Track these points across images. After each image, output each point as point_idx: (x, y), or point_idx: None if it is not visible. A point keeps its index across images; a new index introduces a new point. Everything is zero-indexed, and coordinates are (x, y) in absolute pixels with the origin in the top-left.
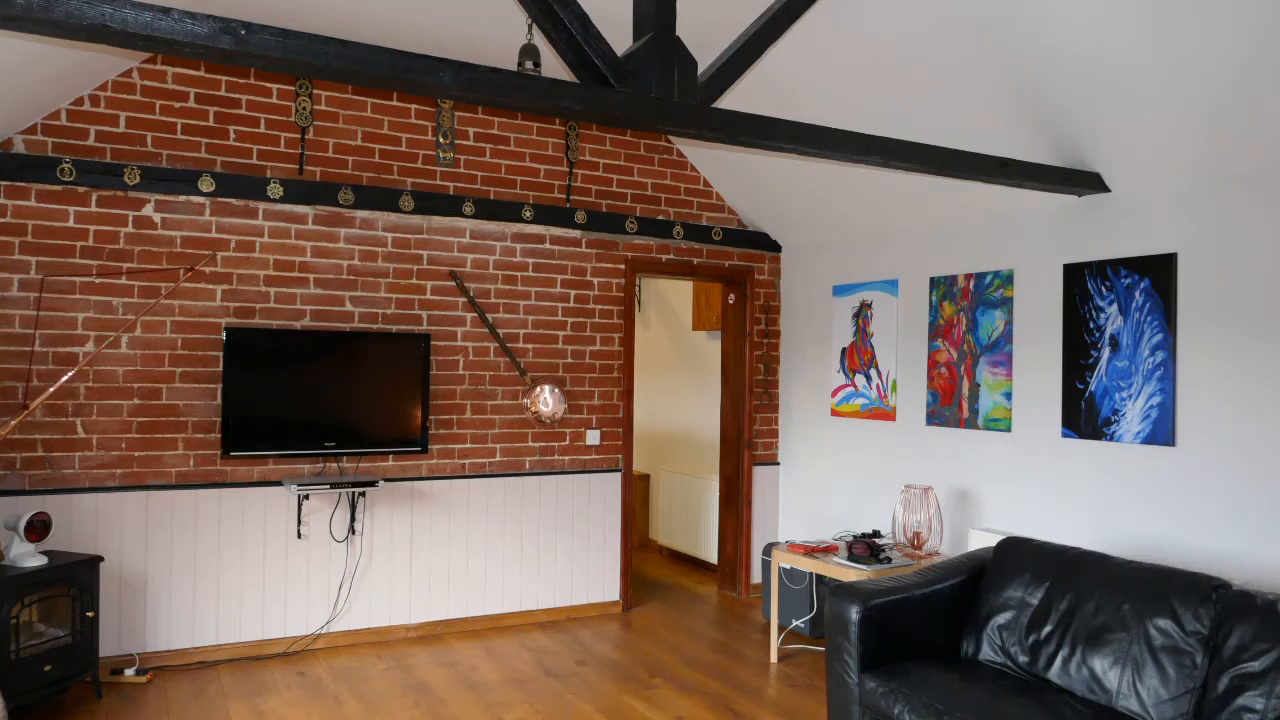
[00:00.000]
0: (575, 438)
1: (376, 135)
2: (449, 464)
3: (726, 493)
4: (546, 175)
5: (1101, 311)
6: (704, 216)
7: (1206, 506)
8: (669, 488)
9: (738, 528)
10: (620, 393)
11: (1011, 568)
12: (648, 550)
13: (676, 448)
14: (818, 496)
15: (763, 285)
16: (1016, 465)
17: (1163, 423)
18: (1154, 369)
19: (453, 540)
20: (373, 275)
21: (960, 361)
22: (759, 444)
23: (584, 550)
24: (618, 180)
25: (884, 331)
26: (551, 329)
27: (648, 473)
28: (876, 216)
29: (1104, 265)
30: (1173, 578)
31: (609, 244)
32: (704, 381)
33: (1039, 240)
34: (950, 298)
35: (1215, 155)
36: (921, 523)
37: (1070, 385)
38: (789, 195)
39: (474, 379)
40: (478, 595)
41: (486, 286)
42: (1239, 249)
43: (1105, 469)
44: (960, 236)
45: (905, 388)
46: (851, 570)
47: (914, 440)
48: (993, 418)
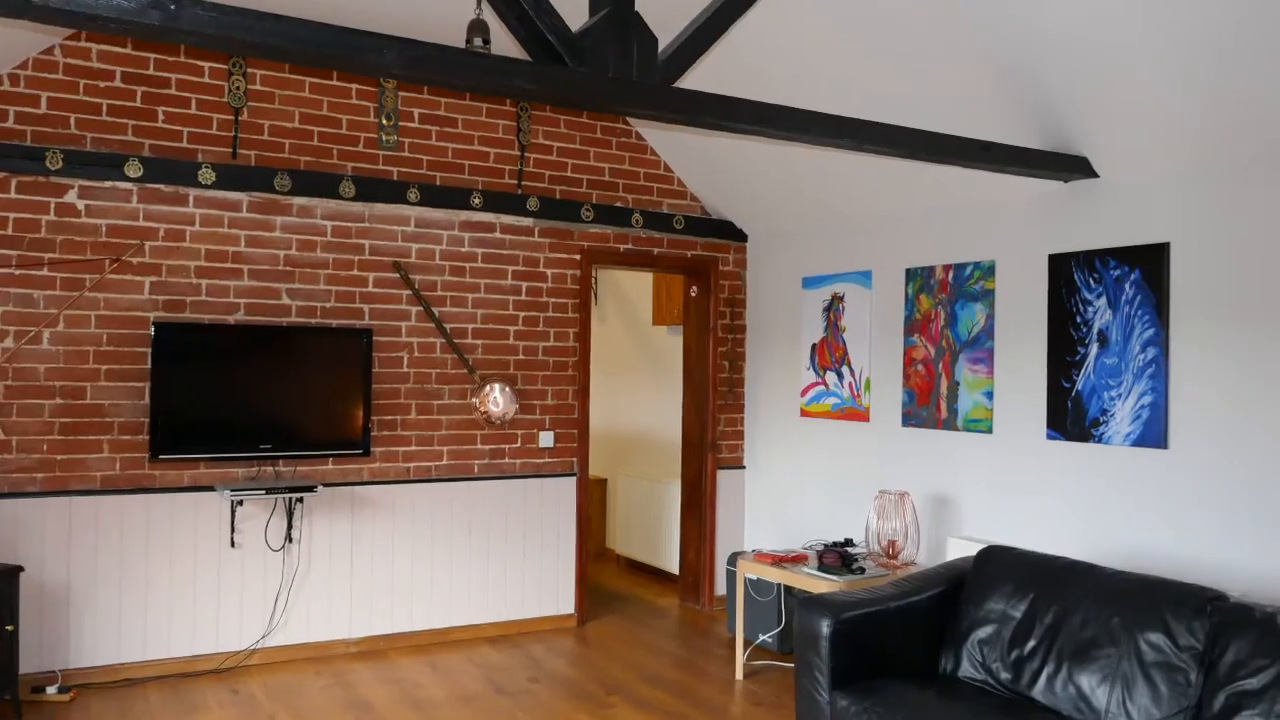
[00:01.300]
0: (527, 440)
1: (315, 117)
2: (392, 468)
3: (689, 498)
4: (496, 160)
5: (1089, 305)
6: (665, 204)
7: (1201, 513)
8: (627, 493)
9: (701, 536)
10: (575, 391)
11: (993, 579)
12: (605, 560)
13: (635, 450)
14: (786, 502)
15: (727, 277)
16: (998, 469)
17: (1154, 423)
18: (1145, 366)
19: (396, 549)
20: (311, 266)
21: (938, 358)
22: (723, 446)
23: (537, 560)
24: (572, 165)
25: (857, 326)
26: (502, 324)
27: (605, 477)
28: (849, 204)
29: (1092, 256)
30: (1165, 589)
31: (563, 233)
32: (665, 380)
33: (1022, 229)
34: (928, 290)
35: (1212, 138)
36: (897, 530)
37: (1056, 384)
38: (755, 181)
39: (419, 377)
40: (423, 608)
41: (433, 278)
42: (1236, 238)
43: (1093, 473)
44: (939, 225)
45: (880, 386)
46: (822, 581)
47: (889, 442)
48: (973, 418)
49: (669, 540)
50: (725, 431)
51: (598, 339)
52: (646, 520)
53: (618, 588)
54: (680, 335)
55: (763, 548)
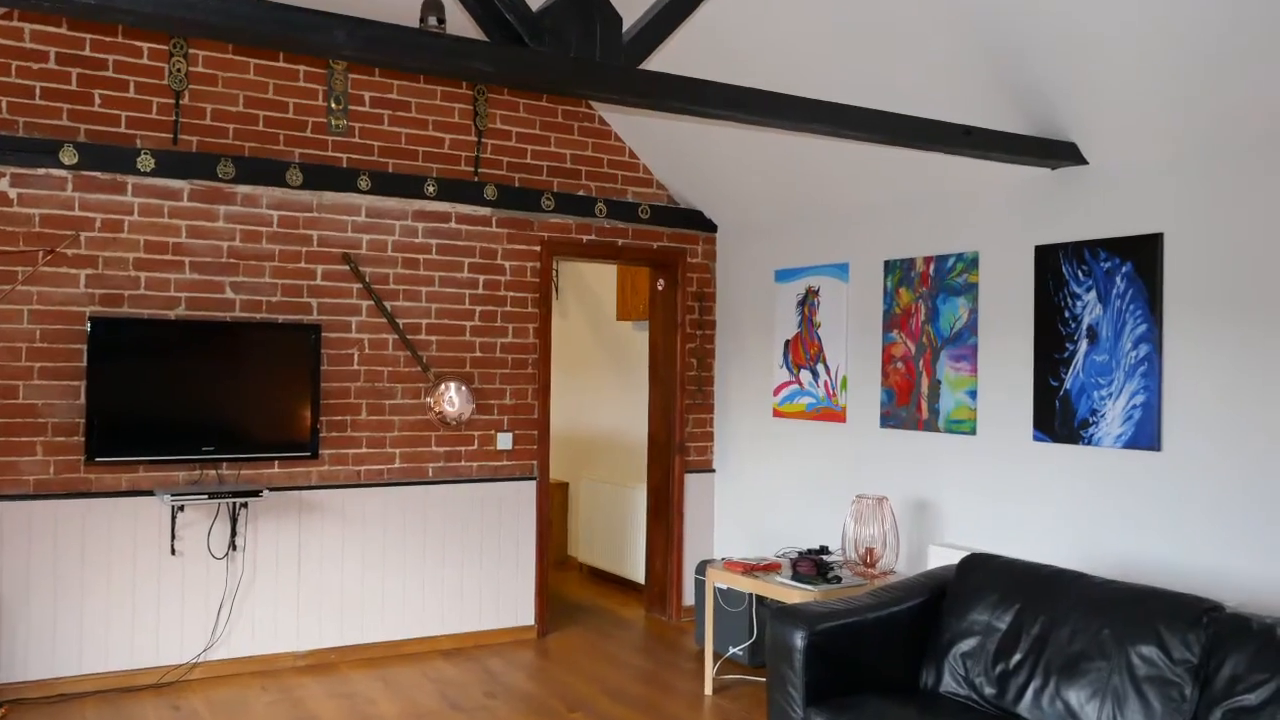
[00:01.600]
0: (484, 441)
1: (260, 100)
2: (342, 471)
3: (655, 503)
4: (452, 145)
5: (1078, 299)
6: (630, 192)
7: (1197, 518)
8: (590, 498)
9: (668, 543)
10: (535, 391)
11: (976, 588)
12: (566, 568)
13: (599, 453)
14: (758, 508)
15: (696, 269)
16: (982, 472)
17: (1147, 424)
18: (1137, 364)
19: (346, 557)
20: (256, 258)
21: (919, 355)
22: (692, 448)
23: (494, 568)
24: (532, 151)
25: (833, 322)
26: (458, 319)
27: (566, 481)
28: (825, 192)
29: (1080, 247)
30: (1158, 599)
31: (522, 223)
32: (630, 378)
33: (1007, 219)
34: (908, 284)
35: (1209, 123)
36: (875, 537)
37: (1043, 382)
38: (726, 169)
39: (370, 375)
40: (375, 619)
41: (384, 271)
42: (1234, 229)
43: (1082, 476)
44: (919, 215)
45: (857, 385)
46: (796, 591)
47: (866, 444)
48: (955, 419)
49: (634, 548)
50: (693, 433)
51: (559, 335)
52: (610, 526)
53: (580, 598)
54: (646, 331)
55: (733, 555)
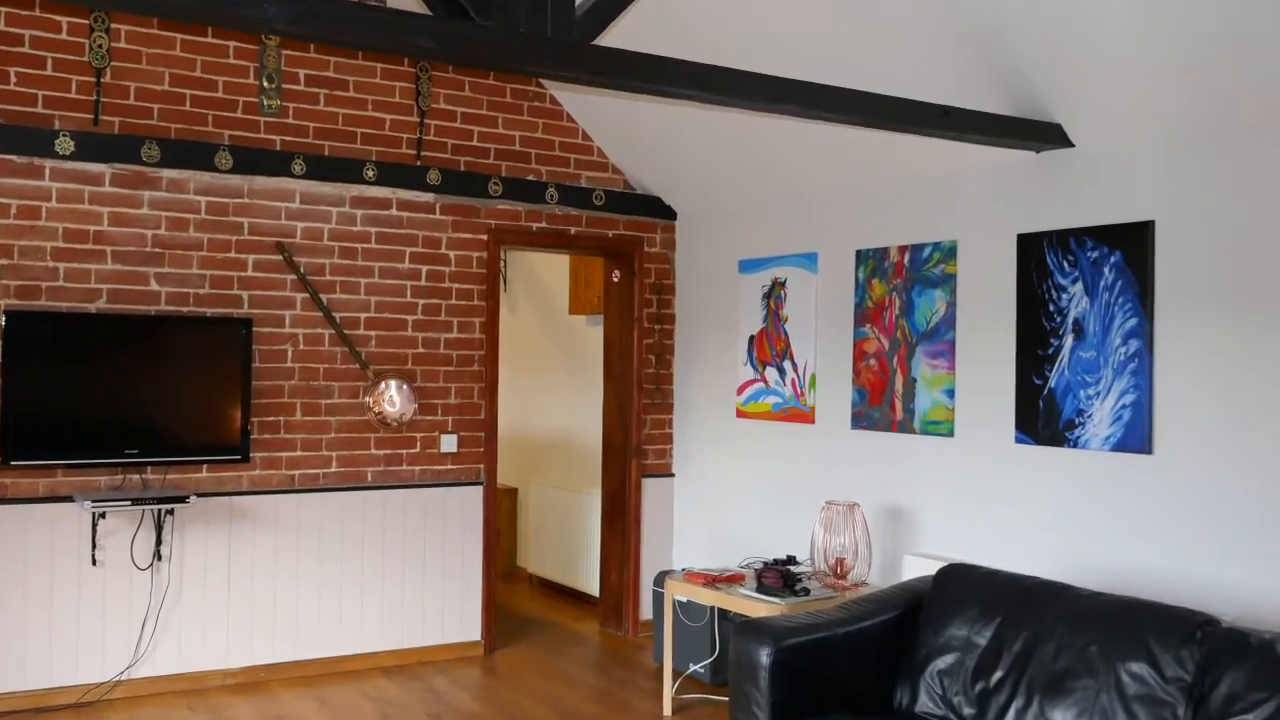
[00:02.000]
0: (428, 444)
1: (187, 79)
2: (275, 475)
3: (610, 510)
4: (393, 127)
5: (1063, 291)
6: (583, 177)
7: (1191, 526)
8: (541, 504)
9: (624, 553)
10: (482, 390)
11: (954, 601)
12: (515, 580)
13: (550, 456)
14: (720, 515)
15: (654, 260)
16: (960, 477)
17: (1137, 425)
18: (1127, 361)
19: (280, 568)
20: (183, 248)
21: (893, 352)
22: (649, 451)
23: (438, 580)
24: (479, 133)
25: (801, 316)
26: (399, 312)
27: (515, 486)
28: (792, 177)
29: (1066, 235)
30: (1149, 613)
31: (468, 210)
32: (583, 376)
33: (988, 206)
34: (881, 275)
35: (1206, 103)
36: (846, 546)
37: (1026, 380)
38: (686, 152)
39: (305, 373)
40: (310, 634)
41: (320, 261)
42: (1231, 216)
43: (1068, 481)
44: (893, 201)
45: (826, 383)
46: (761, 604)
47: (837, 447)
48: (932, 420)
49: (588, 558)
50: (651, 435)
51: (507, 330)
52: (562, 535)
53: (530, 611)
54: (600, 326)
55: (694, 566)
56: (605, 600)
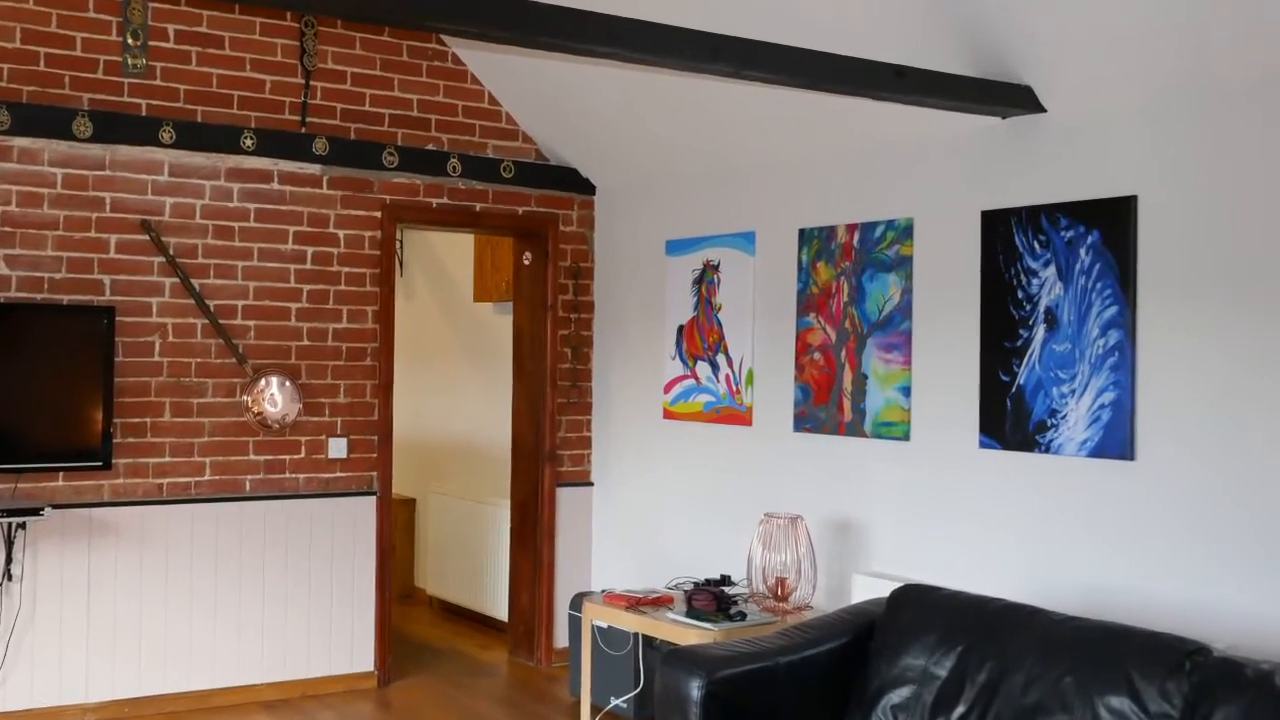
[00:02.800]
0: (314, 448)
1: (41, 35)
2: (141, 484)
3: (520, 524)
4: (274, 89)
5: (1034, 276)
6: (490, 146)
7: (1178, 541)
8: (442, 517)
9: (536, 572)
10: (375, 387)
11: (911, 626)
12: (413, 603)
13: (453, 462)
14: (646, 529)
15: (570, 240)
16: (918, 486)
17: (1117, 428)
18: (1105, 354)
19: (146, 589)
20: (36, 227)
21: (841, 344)
22: (565, 457)
23: (325, 602)
24: (372, 97)
25: (736, 303)
26: (281, 300)
27: (413, 497)
28: (727, 147)
29: (1037, 212)
30: (1131, 640)
31: (360, 183)
32: (490, 372)
33: (948, 179)
34: (827, 257)
35: (1196, 61)
36: (788, 565)
37: (991, 377)
38: (607, 118)
39: (175, 368)
40: (181, 664)
41: (192, 242)
42: (1224, 190)
43: (1039, 491)
44: (841, 174)
45: (765, 380)
46: (692, 630)
47: (777, 452)
48: (885, 421)
49: (496, 578)
50: (567, 438)
51: (404, 320)
52: (467, 552)
53: (430, 638)
54: (509, 315)
55: (615, 587)
56: (515, 625)
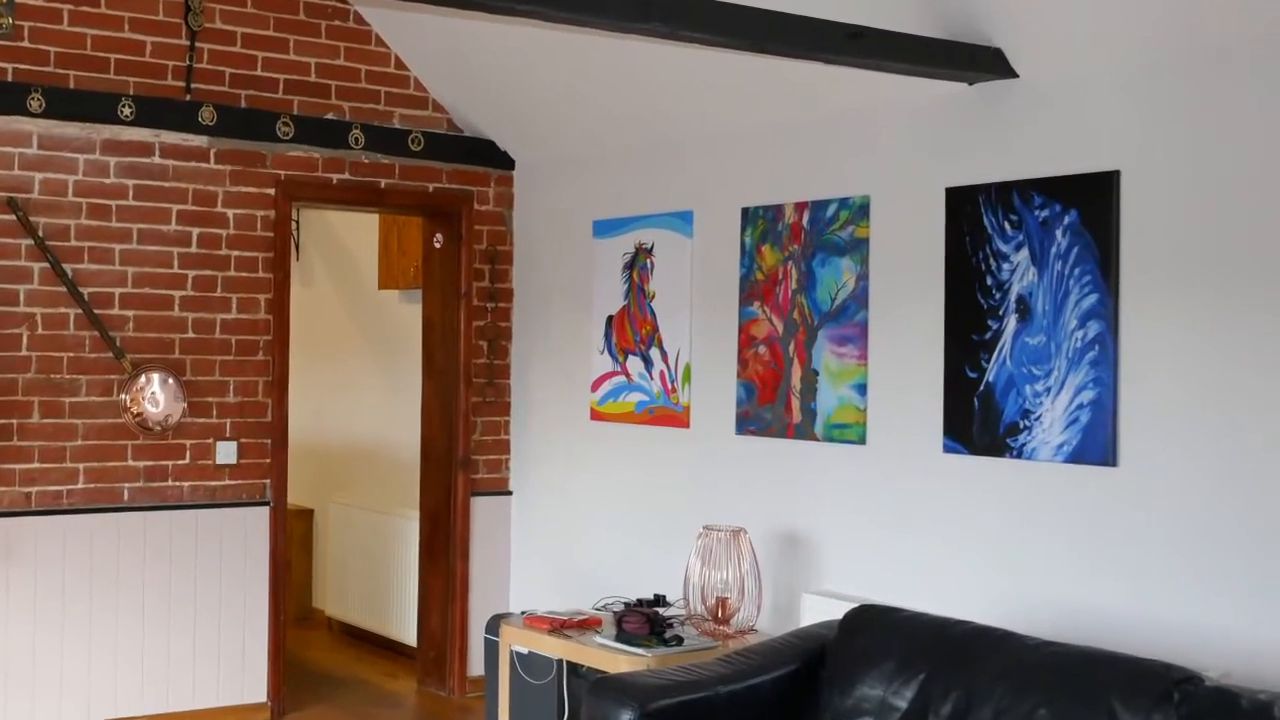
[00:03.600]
0: (200, 453)
1: None
2: (6, 494)
3: (431, 537)
4: (155, 52)
5: (1005, 260)
6: (397, 115)
7: (1165, 557)
8: (343, 530)
9: (448, 591)
10: (269, 385)
11: (867, 652)
12: (311, 626)
13: (355, 469)
14: (571, 543)
15: (487, 220)
16: (874, 495)
17: (1098, 430)
18: (1085, 348)
19: (11, 611)
20: None
21: (788, 337)
22: (481, 463)
23: (212, 625)
24: (265, 60)
25: (672, 291)
26: (164, 287)
27: (310, 507)
28: (662, 117)
29: (1008, 190)
30: (1113, 667)
31: (252, 157)
32: (397, 367)
33: (909, 152)
34: (773, 240)
35: (1187, 18)
36: (729, 583)
37: (957, 373)
38: (529, 85)
39: (45, 364)
40: (50, 695)
41: (64, 222)
42: (1217, 164)
43: (1011, 501)
44: (789, 147)
45: (704, 377)
46: (622, 656)
47: (718, 457)
48: (838, 423)
49: (403, 598)
50: (483, 442)
51: (301, 309)
52: (371, 569)
53: (330, 666)
54: (418, 304)
55: (537, 609)
56: (425, 651)
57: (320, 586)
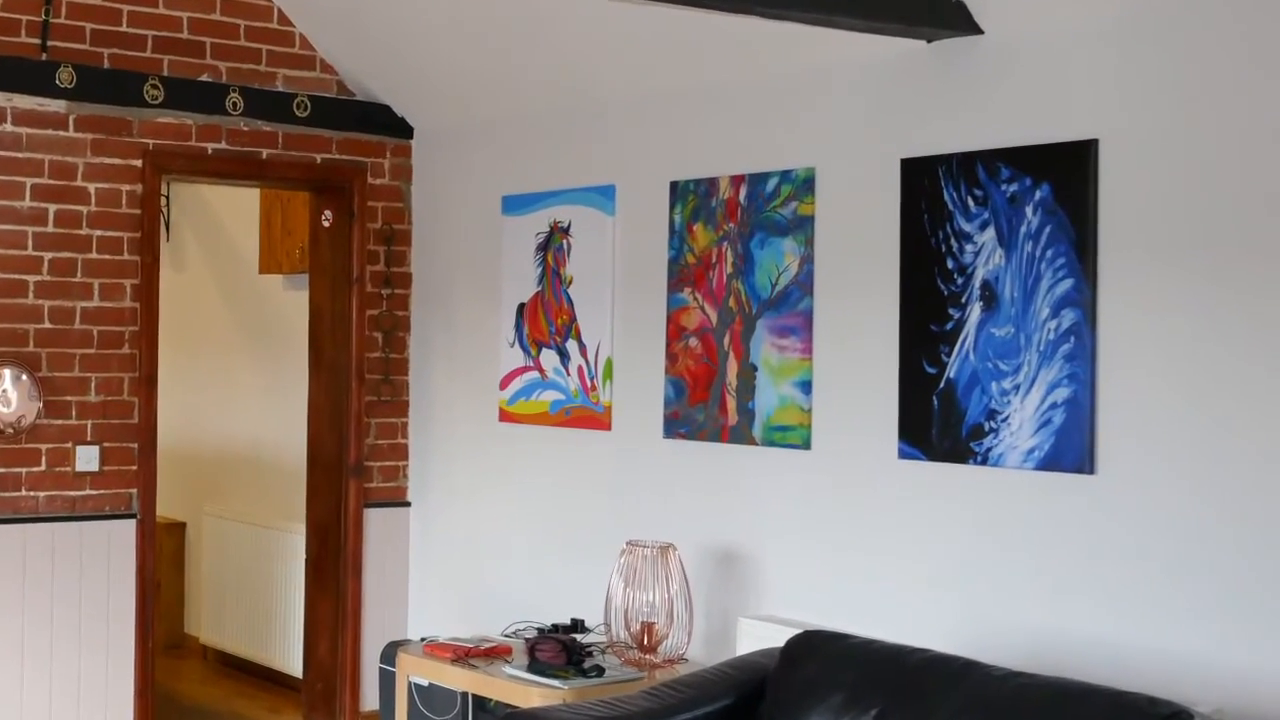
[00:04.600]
0: (57, 459)
1: None
2: None
3: (319, 554)
4: (7, 5)
5: (968, 241)
6: (280, 77)
7: (1149, 576)
8: (220, 546)
9: (338, 615)
10: (136, 382)
11: (812, 684)
12: (184, 654)
13: (234, 477)
14: (478, 561)
15: (382, 195)
16: (821, 507)
17: (1073, 433)
18: (1058, 340)
19: None
20: None
21: (723, 327)
22: (375, 470)
23: (71, 653)
24: (131, 15)
25: (592, 276)
26: (15, 271)
27: (183, 520)
28: (581, 79)
29: (972, 161)
30: (1091, 701)
31: (116, 124)
32: (280, 362)
33: (860, 119)
34: (706, 218)
35: None
36: (656, 606)
37: (914, 368)
38: (429, 43)
39: None
40: None
41: None
42: (1208, 132)
43: (974, 514)
44: (725, 113)
45: (628, 373)
46: (535, 688)
47: (643, 464)
48: (780, 424)
49: (288, 622)
50: (378, 446)
51: (172, 296)
52: (251, 590)
53: (205, 699)
54: (304, 290)
55: (439, 635)
56: (311, 683)
57: (194, 610)
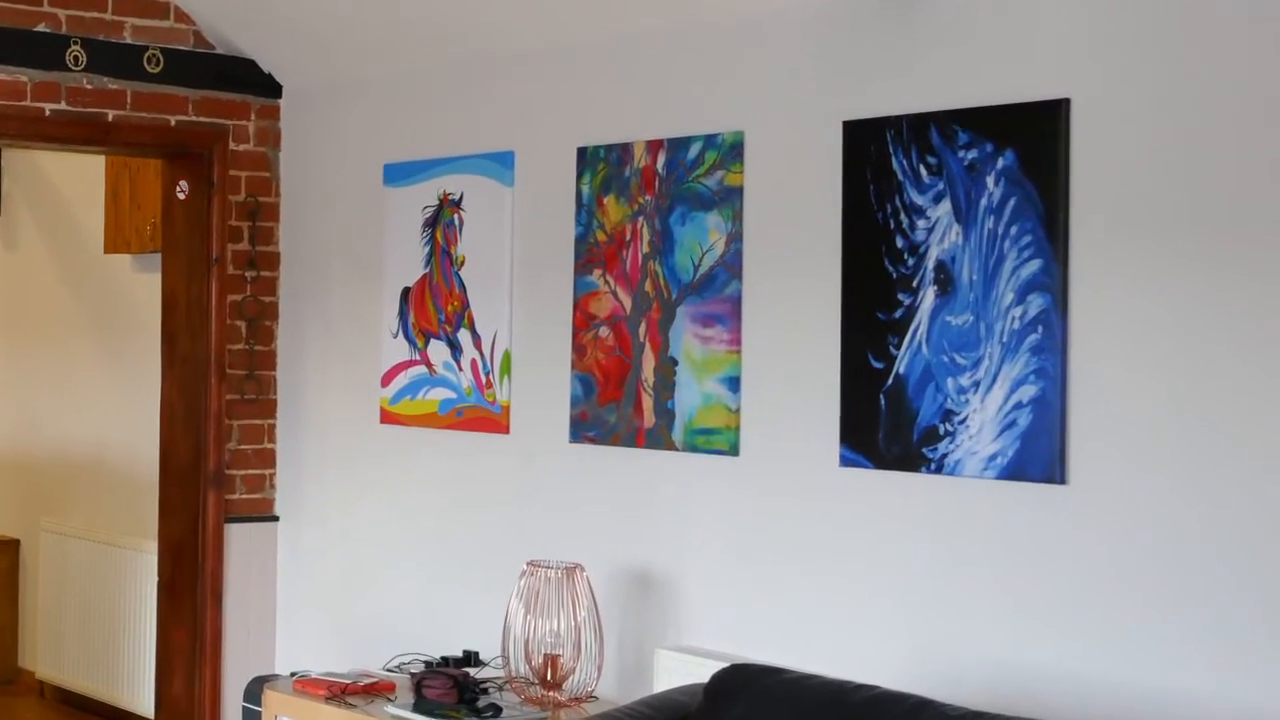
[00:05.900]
0: None
1: None
2: None
3: (174, 576)
4: None
5: (920, 216)
6: (129, 27)
7: (1126, 601)
8: (59, 567)
9: (195, 646)
10: None
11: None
12: (16, 690)
13: (74, 487)
14: (356, 584)
15: (246, 163)
16: (750, 522)
17: (1041, 437)
18: (1025, 330)
19: None
20: None
21: (639, 315)
22: (238, 479)
23: None
24: None
25: (487, 256)
26: None
27: (16, 537)
28: (474, 28)
29: (924, 124)
30: None
31: None
32: (129, 355)
33: (795, 75)
34: (619, 189)
35: None
36: (561, 636)
37: (858, 362)
38: None
39: None
40: None
41: None
42: (1192, 92)
43: (928, 529)
44: (641, 69)
45: (529, 368)
46: None
47: (547, 473)
48: (704, 427)
49: (137, 655)
50: (241, 452)
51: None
52: (95, 617)
53: None
54: (157, 273)
55: (311, 669)
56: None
57: (28, 640)
